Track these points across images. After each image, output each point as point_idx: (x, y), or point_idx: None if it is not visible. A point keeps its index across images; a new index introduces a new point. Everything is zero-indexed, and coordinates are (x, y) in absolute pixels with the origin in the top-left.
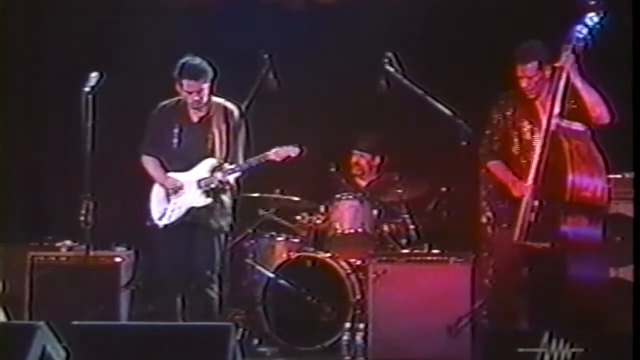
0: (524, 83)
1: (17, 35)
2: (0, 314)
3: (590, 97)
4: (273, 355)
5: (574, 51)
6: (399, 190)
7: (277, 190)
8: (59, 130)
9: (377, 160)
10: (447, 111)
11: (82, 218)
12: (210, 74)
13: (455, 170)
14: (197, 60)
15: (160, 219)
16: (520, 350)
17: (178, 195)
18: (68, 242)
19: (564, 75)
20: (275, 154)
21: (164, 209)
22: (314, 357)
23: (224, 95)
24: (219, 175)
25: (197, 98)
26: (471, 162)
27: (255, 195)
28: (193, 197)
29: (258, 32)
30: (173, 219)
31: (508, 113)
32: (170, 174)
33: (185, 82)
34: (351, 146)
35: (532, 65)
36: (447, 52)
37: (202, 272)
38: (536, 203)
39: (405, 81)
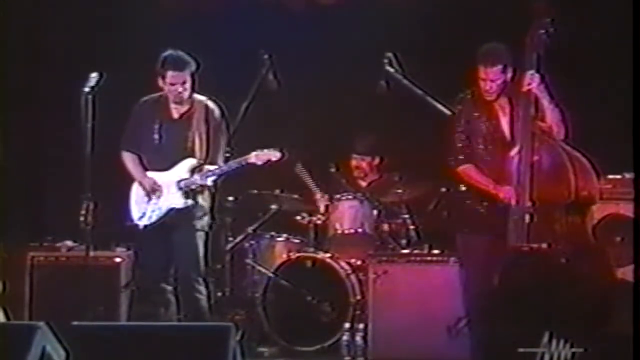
0: (486, 85)
1: (17, 35)
2: (0, 314)
3: (551, 114)
4: (273, 355)
5: (539, 57)
6: (399, 191)
7: (277, 190)
8: (59, 130)
9: (377, 160)
10: (447, 111)
11: (82, 218)
12: (194, 65)
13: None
14: (180, 53)
15: (140, 219)
16: (520, 350)
17: (157, 196)
18: (68, 243)
19: (535, 80)
20: (256, 157)
21: (144, 209)
22: (314, 357)
23: (224, 95)
24: (197, 177)
25: (180, 90)
26: None
27: (255, 192)
28: (173, 198)
29: (258, 32)
30: (154, 219)
31: (471, 115)
32: (150, 173)
33: (169, 73)
34: (351, 148)
35: (497, 69)
36: (447, 52)
37: (187, 273)
38: (529, 204)
39: (405, 81)
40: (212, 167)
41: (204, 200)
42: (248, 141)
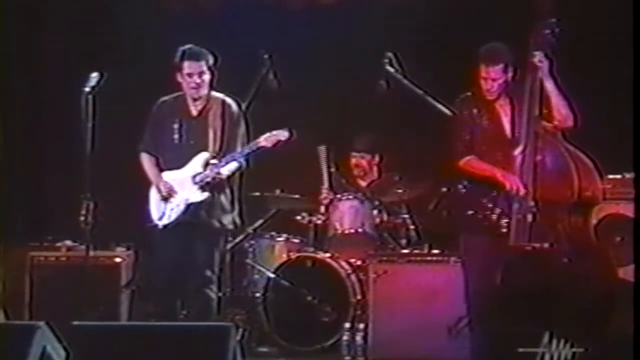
0: (487, 85)
1: (17, 36)
2: (0, 314)
3: (557, 100)
4: (273, 355)
5: (546, 55)
6: (399, 190)
7: (278, 190)
8: (59, 130)
9: (377, 159)
10: (447, 111)
11: (82, 218)
12: (211, 59)
13: (456, 170)
14: (198, 47)
15: (160, 219)
16: (520, 350)
17: (171, 200)
18: (68, 242)
19: (538, 78)
20: (266, 139)
21: (163, 209)
22: (314, 357)
23: (224, 95)
24: (211, 168)
25: (198, 81)
26: None
27: (256, 194)
28: (190, 193)
29: (258, 32)
30: (173, 217)
31: (472, 113)
32: (166, 173)
33: (186, 63)
34: (350, 147)
35: (499, 68)
36: (447, 52)
37: (202, 272)
38: (532, 204)
39: (405, 81)
40: (224, 158)
41: (226, 197)
42: (248, 141)
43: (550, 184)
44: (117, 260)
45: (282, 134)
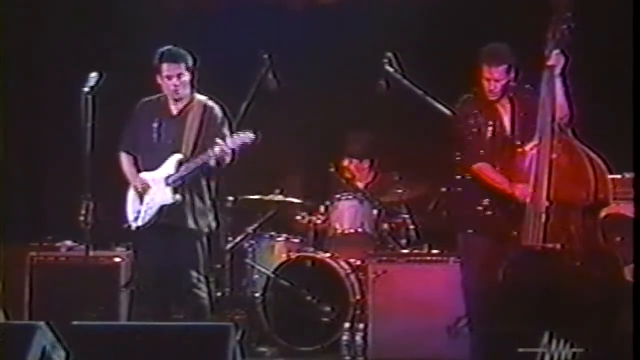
0: (490, 85)
1: (17, 36)
2: (0, 314)
3: (561, 99)
4: (273, 355)
5: (563, 52)
6: (399, 190)
7: (277, 191)
8: (59, 130)
9: (366, 163)
10: (447, 111)
11: (82, 218)
12: (190, 60)
13: (456, 170)
14: (176, 48)
15: (135, 220)
16: (520, 350)
17: (147, 195)
18: (68, 242)
19: (555, 77)
20: (232, 142)
21: (137, 210)
22: (314, 357)
23: (224, 95)
24: (181, 169)
25: (177, 83)
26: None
27: (256, 197)
28: (162, 195)
29: (258, 32)
30: (147, 219)
31: (475, 114)
32: (143, 174)
33: (164, 65)
34: (345, 148)
35: (502, 68)
36: (447, 52)
37: (187, 274)
38: (546, 204)
39: (405, 81)
40: (195, 160)
41: (202, 200)
42: None
43: (566, 184)
44: (117, 260)
45: (247, 137)
